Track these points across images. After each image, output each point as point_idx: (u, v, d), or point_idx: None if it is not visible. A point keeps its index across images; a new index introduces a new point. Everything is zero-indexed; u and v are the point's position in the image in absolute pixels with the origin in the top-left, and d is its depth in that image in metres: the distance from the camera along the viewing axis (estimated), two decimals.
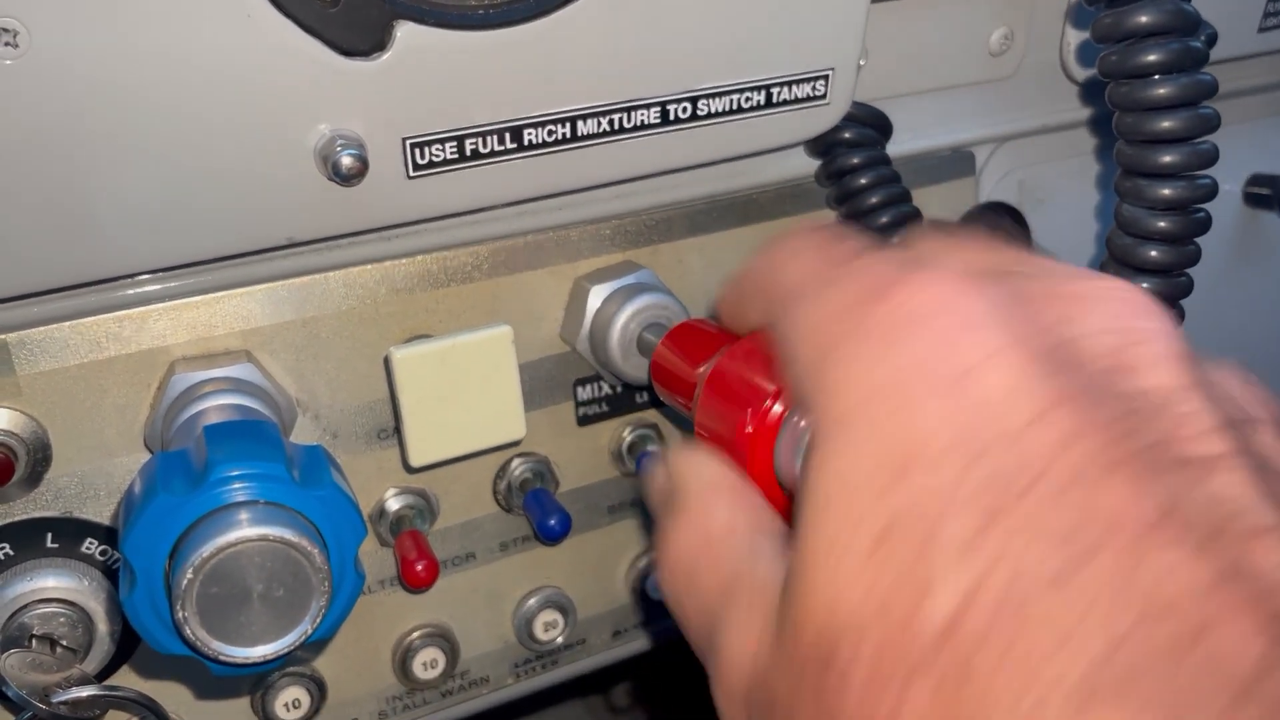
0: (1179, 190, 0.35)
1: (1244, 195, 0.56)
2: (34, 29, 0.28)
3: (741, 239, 0.44)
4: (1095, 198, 0.51)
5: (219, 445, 0.30)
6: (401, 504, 0.40)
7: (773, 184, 0.44)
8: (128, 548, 0.29)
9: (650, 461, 0.30)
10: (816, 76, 0.39)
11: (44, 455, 0.35)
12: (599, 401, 0.44)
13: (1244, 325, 0.58)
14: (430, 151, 0.35)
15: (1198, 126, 0.35)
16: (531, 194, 0.38)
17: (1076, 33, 0.47)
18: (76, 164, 0.31)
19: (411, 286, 0.38)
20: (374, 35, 0.32)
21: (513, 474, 0.42)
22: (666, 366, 0.36)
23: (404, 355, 0.36)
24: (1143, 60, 0.35)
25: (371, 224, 0.36)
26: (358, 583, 0.31)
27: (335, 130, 0.33)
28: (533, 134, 0.36)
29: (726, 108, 0.39)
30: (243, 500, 0.29)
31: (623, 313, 0.40)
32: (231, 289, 0.36)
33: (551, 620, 0.45)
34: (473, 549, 0.43)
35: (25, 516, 0.35)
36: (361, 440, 0.39)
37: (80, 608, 0.36)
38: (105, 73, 0.29)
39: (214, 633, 0.29)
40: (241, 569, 0.29)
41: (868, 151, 0.43)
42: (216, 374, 0.35)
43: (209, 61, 0.31)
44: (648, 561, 0.46)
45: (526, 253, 0.40)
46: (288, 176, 0.33)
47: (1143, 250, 0.36)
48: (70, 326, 0.34)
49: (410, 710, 0.44)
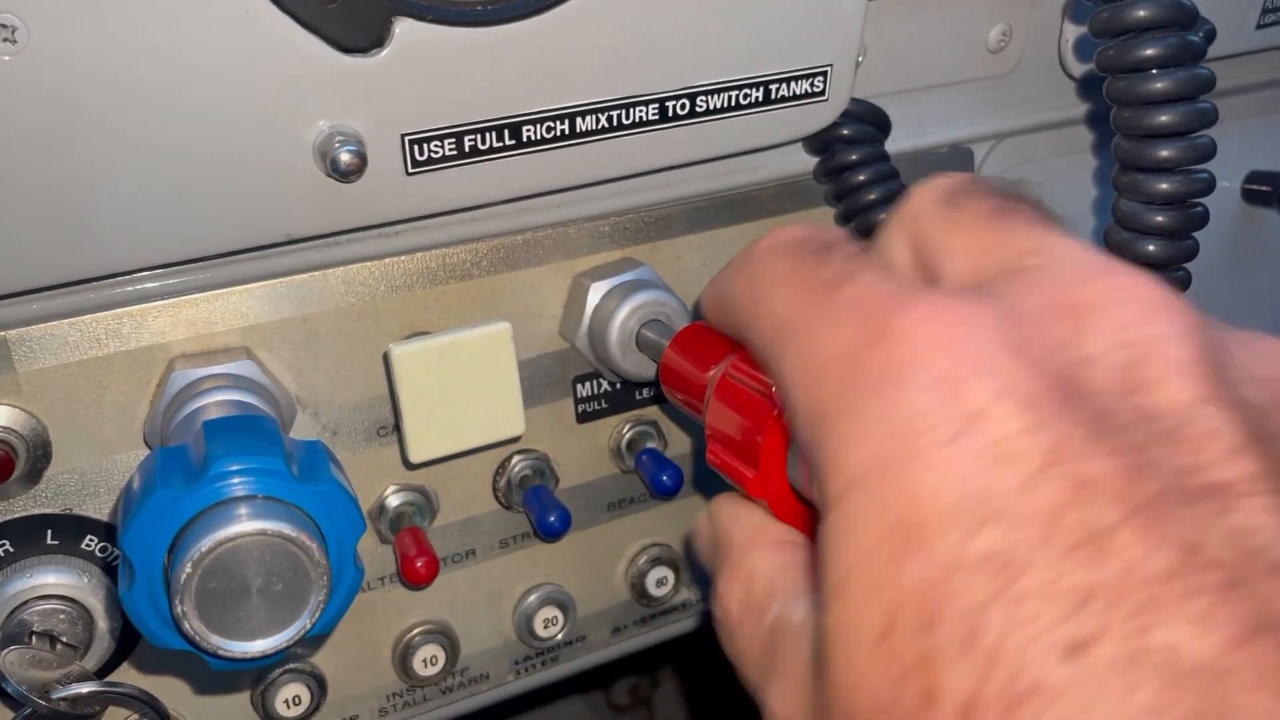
0: (1176, 184, 0.35)
1: (1242, 192, 0.56)
2: (32, 25, 0.28)
3: (740, 236, 0.44)
4: (1093, 193, 0.51)
5: (218, 440, 0.30)
6: (401, 501, 0.40)
7: (771, 181, 0.44)
8: (126, 543, 0.29)
9: (697, 520, 0.31)
10: (815, 73, 0.39)
11: (44, 452, 0.35)
12: (598, 398, 0.44)
13: (1243, 323, 0.58)
14: (429, 148, 0.35)
15: (1195, 121, 0.35)
16: (530, 191, 0.38)
17: (1074, 28, 0.47)
18: (75, 160, 0.31)
19: (411, 283, 0.38)
20: (373, 31, 0.32)
21: (512, 471, 0.42)
22: (675, 369, 0.35)
23: (403, 352, 0.36)
24: (1140, 54, 0.35)
25: (370, 220, 0.36)
26: (357, 577, 0.31)
27: (334, 126, 0.33)
28: (531, 130, 0.36)
29: (725, 104, 0.39)
30: (241, 495, 0.29)
31: (622, 309, 0.40)
32: (231, 286, 0.36)
33: (551, 617, 0.45)
34: (472, 546, 0.43)
35: (25, 513, 0.35)
36: (361, 437, 0.39)
37: (80, 604, 0.36)
38: (104, 69, 0.30)
39: (213, 627, 0.29)
40: (240, 564, 0.29)
41: (866, 148, 0.43)
42: (216, 371, 0.35)
43: (208, 58, 0.31)
44: (647, 558, 0.47)
45: (525, 249, 0.40)
46: (286, 173, 0.33)
47: (1140, 245, 0.36)
48: (70, 323, 0.34)
49: (411, 707, 0.44)
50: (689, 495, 0.47)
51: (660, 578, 0.47)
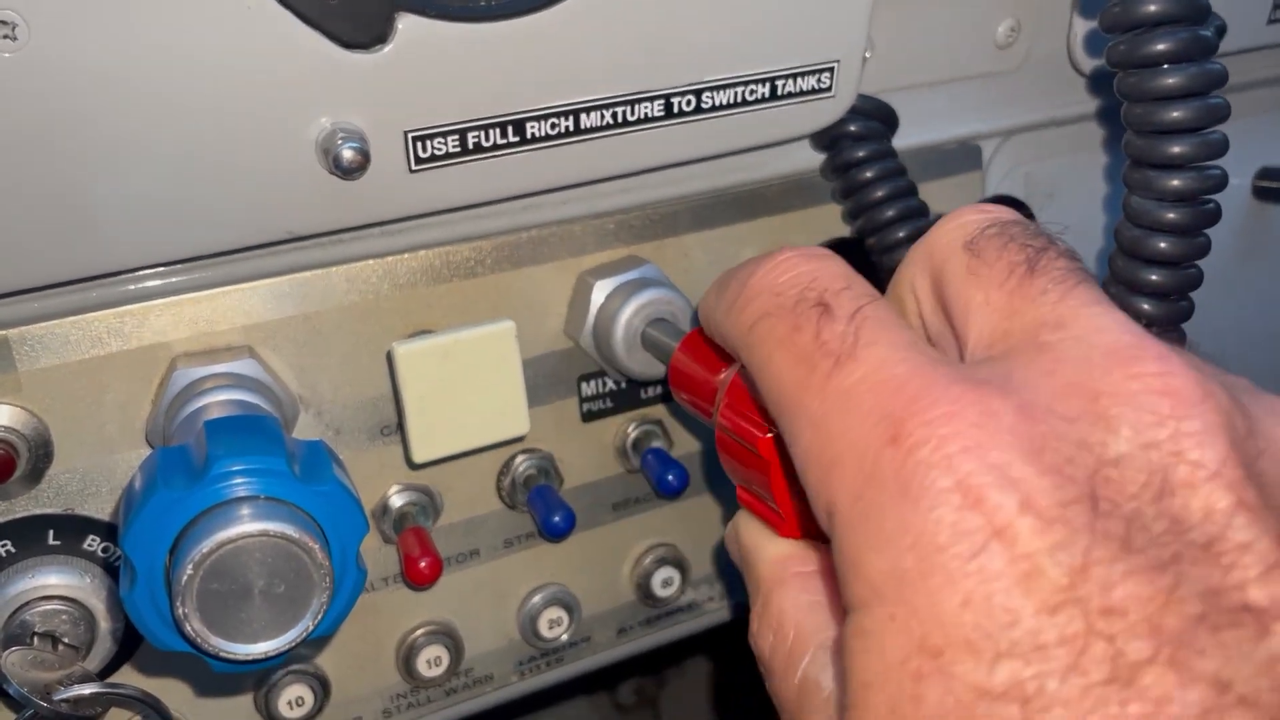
0: (1188, 181, 0.35)
1: (1253, 189, 0.55)
2: (32, 21, 0.28)
3: (746, 233, 0.44)
4: (1103, 190, 0.51)
5: (220, 440, 0.30)
6: (404, 501, 0.40)
7: (778, 178, 0.44)
8: (128, 543, 0.28)
9: (727, 532, 0.31)
10: (821, 69, 0.39)
11: (45, 452, 0.34)
12: (603, 397, 0.43)
13: (1253, 321, 0.58)
14: (432, 145, 0.34)
15: (1207, 116, 0.34)
16: (534, 188, 0.38)
17: (1084, 23, 0.46)
18: (76, 157, 0.30)
19: (414, 281, 0.38)
20: (375, 27, 0.32)
21: (516, 470, 0.42)
22: (684, 371, 0.35)
23: (406, 350, 0.36)
24: (1152, 49, 0.34)
25: (373, 218, 0.36)
26: (360, 579, 0.31)
27: (336, 123, 0.33)
28: (535, 127, 0.36)
29: (731, 100, 0.38)
30: (243, 495, 0.29)
31: (627, 308, 0.39)
32: (233, 284, 0.36)
33: (556, 618, 0.45)
34: (476, 546, 0.43)
35: (26, 513, 0.35)
36: (364, 436, 0.39)
37: (82, 605, 0.36)
38: (104, 65, 0.29)
39: (214, 629, 0.29)
40: (242, 565, 0.28)
41: (874, 145, 0.42)
42: (218, 370, 0.35)
43: (209, 54, 0.30)
44: (653, 558, 0.46)
45: (530, 247, 0.40)
46: (289, 170, 0.33)
47: (1151, 242, 0.36)
48: (71, 322, 0.34)
49: (414, 708, 0.44)
50: (695, 495, 0.47)
51: (666, 578, 0.46)
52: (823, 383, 0.22)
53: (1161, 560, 0.17)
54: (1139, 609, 0.17)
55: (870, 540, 0.20)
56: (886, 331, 0.22)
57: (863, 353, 0.21)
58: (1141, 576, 0.17)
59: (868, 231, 0.43)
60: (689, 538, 0.47)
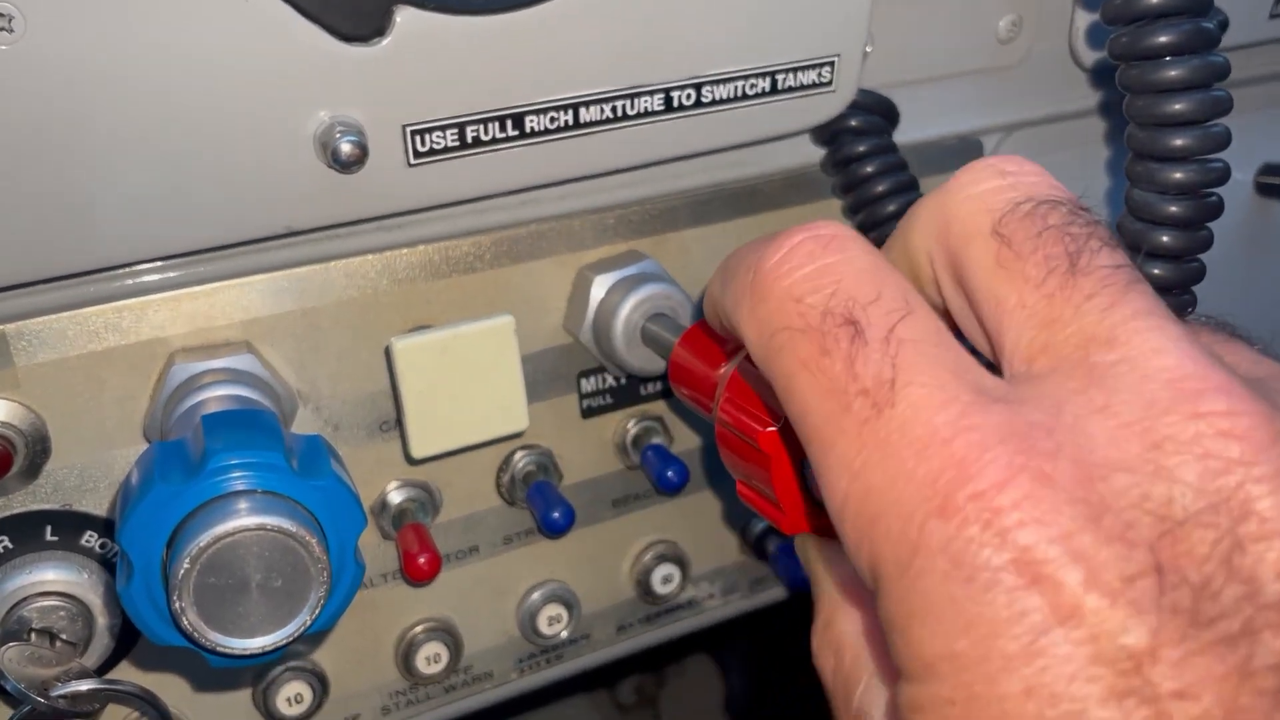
0: (1190, 174, 0.35)
1: (1255, 185, 0.55)
2: (29, 14, 0.28)
3: (746, 228, 0.43)
4: (1105, 185, 0.51)
5: (217, 434, 0.30)
6: (403, 497, 0.40)
7: (778, 173, 0.44)
8: (124, 538, 0.28)
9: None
10: (822, 63, 0.39)
11: (43, 447, 0.34)
12: (603, 393, 0.43)
13: (1257, 317, 0.58)
14: (431, 139, 0.34)
15: (1210, 109, 0.34)
16: (534, 182, 0.38)
17: (1085, 16, 0.46)
18: (73, 151, 0.30)
19: (413, 276, 0.38)
20: (374, 20, 0.32)
21: (516, 466, 0.42)
22: (685, 366, 0.35)
23: (405, 345, 0.36)
24: (1154, 41, 0.34)
25: (372, 212, 0.36)
26: (357, 574, 0.31)
27: (335, 117, 0.33)
28: (535, 121, 0.36)
29: (731, 95, 0.38)
30: (241, 489, 0.29)
31: (626, 303, 0.39)
32: (231, 279, 0.36)
33: (556, 615, 0.45)
34: (476, 542, 0.43)
35: (24, 509, 0.35)
36: (363, 432, 0.39)
37: (79, 601, 0.35)
38: (101, 58, 0.29)
39: (211, 623, 0.29)
40: (239, 559, 0.28)
41: (874, 139, 0.42)
42: (216, 365, 0.35)
43: (207, 47, 0.30)
44: (653, 555, 0.46)
45: (529, 242, 0.40)
46: (287, 164, 0.33)
47: (1154, 235, 0.36)
48: (69, 317, 0.34)
49: (413, 705, 0.44)
50: (695, 491, 0.47)
51: (666, 575, 0.46)
52: (859, 428, 0.20)
53: (1232, 633, 0.17)
54: (1212, 691, 0.16)
55: (920, 615, 0.18)
56: (926, 364, 0.20)
57: (902, 395, 0.20)
58: (1213, 654, 0.16)
59: (869, 226, 0.42)
60: (689, 534, 0.47)
